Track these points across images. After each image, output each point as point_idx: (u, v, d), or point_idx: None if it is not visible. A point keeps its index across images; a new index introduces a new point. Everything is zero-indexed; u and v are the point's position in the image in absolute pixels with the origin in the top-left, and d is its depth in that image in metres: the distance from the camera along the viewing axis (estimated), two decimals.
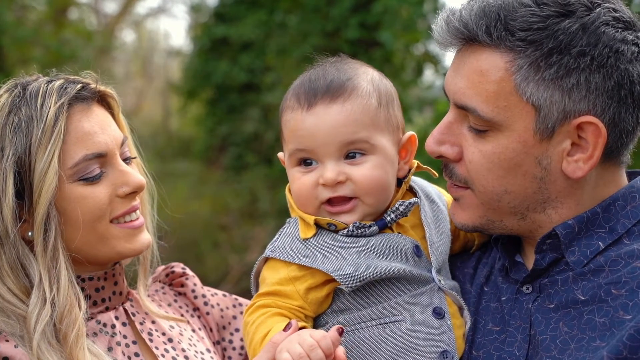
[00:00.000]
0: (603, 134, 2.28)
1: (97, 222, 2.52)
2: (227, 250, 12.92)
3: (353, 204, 2.49)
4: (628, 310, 2.23)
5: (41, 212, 2.44)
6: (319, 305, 2.46)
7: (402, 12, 12.37)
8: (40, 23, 15.36)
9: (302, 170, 2.52)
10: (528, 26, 2.26)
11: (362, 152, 2.48)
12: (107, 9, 20.96)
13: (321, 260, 2.44)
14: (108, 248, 2.56)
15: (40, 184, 2.44)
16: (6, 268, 2.46)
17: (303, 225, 2.51)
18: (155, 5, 24.74)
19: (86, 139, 2.51)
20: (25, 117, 2.47)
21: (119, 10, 20.25)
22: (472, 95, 2.33)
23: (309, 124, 2.47)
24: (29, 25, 14.75)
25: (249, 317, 2.48)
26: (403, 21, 12.30)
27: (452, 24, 2.35)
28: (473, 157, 2.38)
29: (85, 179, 2.51)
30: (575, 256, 2.36)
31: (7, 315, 2.43)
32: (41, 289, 2.43)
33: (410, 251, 2.50)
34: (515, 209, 2.39)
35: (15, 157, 2.44)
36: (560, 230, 2.36)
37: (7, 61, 13.78)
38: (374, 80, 2.55)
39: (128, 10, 20.61)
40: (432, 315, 2.45)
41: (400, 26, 12.27)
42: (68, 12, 17.12)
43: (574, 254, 2.36)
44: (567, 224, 2.36)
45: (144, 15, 23.16)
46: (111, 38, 18.81)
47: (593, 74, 2.25)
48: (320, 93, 2.48)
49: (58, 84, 2.54)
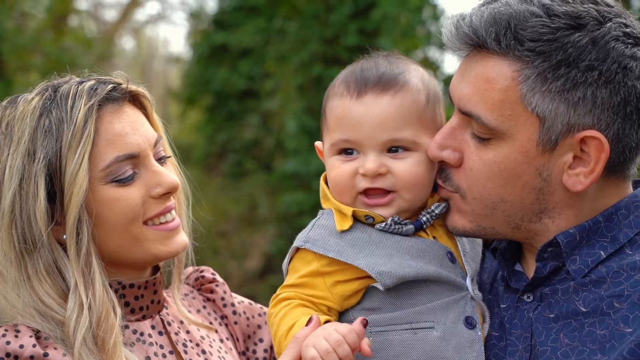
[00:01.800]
0: (606, 149, 2.26)
1: (131, 224, 2.48)
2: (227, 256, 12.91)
3: (390, 197, 2.46)
4: (629, 323, 2.22)
5: (72, 215, 2.41)
6: (345, 299, 2.42)
7: (401, 18, 12.39)
8: (40, 30, 15.38)
9: (343, 159, 2.48)
10: (538, 37, 2.24)
11: (405, 148, 2.46)
12: (106, 16, 20.98)
13: (356, 256, 2.40)
14: (143, 250, 2.52)
15: (70, 187, 2.41)
16: (42, 272, 2.43)
17: (339, 216, 2.47)
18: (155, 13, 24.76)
19: (117, 140, 2.48)
20: (56, 120, 2.44)
21: (118, 18, 20.27)
22: (477, 102, 2.32)
23: (357, 113, 2.45)
24: (29, 33, 14.77)
25: (273, 309, 2.45)
26: (402, 28, 12.32)
27: (461, 29, 2.33)
28: (474, 164, 2.37)
29: (118, 181, 2.47)
30: (576, 265, 2.34)
31: (48, 320, 2.40)
32: (77, 293, 2.41)
33: (444, 256, 2.47)
34: (510, 218, 2.38)
35: (46, 161, 2.42)
36: (561, 239, 2.34)
37: (6, 68, 13.80)
38: (424, 77, 2.54)
39: (127, 17, 20.64)
40: (464, 325, 2.41)
41: (399, 33, 12.28)
42: (68, 19, 17.14)
43: (575, 262, 2.35)
44: (569, 233, 2.35)
45: (143, 23, 23.18)
46: (111, 45, 18.82)
47: (600, 89, 2.24)
48: (371, 83, 2.46)
49: (89, 85, 2.51)
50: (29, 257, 2.44)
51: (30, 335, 2.37)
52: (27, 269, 2.44)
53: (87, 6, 19.85)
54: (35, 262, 2.44)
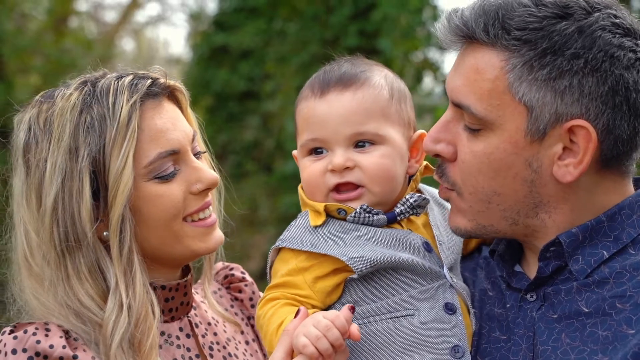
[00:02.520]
0: (593, 138, 2.26)
1: (173, 220, 2.47)
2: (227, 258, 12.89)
3: (359, 192, 2.51)
4: (632, 324, 2.21)
5: (117, 212, 2.38)
6: (327, 295, 2.47)
7: (401, 20, 12.39)
8: (40, 32, 15.40)
9: (312, 159, 2.56)
10: (524, 26, 2.25)
11: (371, 142, 2.52)
12: (106, 18, 20.99)
13: (330, 247, 2.45)
14: (183, 247, 2.51)
15: (115, 184, 2.38)
16: (85, 271, 2.40)
17: (313, 214, 2.53)
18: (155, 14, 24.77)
19: (159, 136, 2.46)
20: (98, 116, 2.41)
21: (118, 19, 20.27)
22: (467, 92, 2.33)
23: (321, 111, 2.52)
24: (29, 34, 14.79)
25: (260, 310, 2.49)
26: (402, 29, 12.31)
27: (453, 22, 2.36)
28: (465, 157, 2.37)
29: (160, 177, 2.46)
30: (579, 265, 2.34)
31: (83, 322, 2.37)
32: (118, 293, 2.38)
33: (419, 246, 2.51)
34: (506, 212, 2.37)
35: (91, 158, 2.38)
36: (564, 238, 2.34)
37: (7, 70, 13.80)
38: (388, 76, 2.61)
39: (128, 18, 20.64)
40: (444, 310, 2.45)
41: (399, 34, 12.28)
42: (68, 21, 17.15)
43: (577, 262, 2.34)
44: (571, 232, 2.34)
45: (143, 24, 23.18)
46: (111, 47, 18.83)
47: (586, 77, 2.24)
48: (333, 81, 2.54)
49: (128, 80, 2.48)
50: (70, 256, 2.40)
51: (60, 335, 2.34)
52: (67, 268, 2.40)
53: (87, 8, 19.86)
54: (76, 261, 2.40)
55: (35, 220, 2.43)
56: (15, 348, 2.30)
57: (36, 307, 2.43)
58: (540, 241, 2.41)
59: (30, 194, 2.44)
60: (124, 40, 23.25)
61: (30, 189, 2.44)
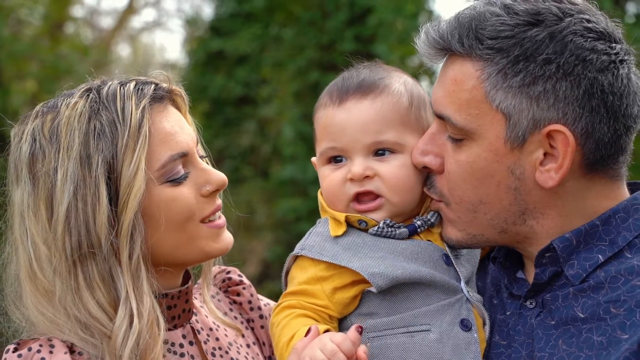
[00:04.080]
0: (571, 142, 2.26)
1: (187, 222, 2.45)
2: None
3: (379, 202, 2.49)
4: (625, 329, 2.21)
5: (128, 218, 2.35)
6: (345, 306, 2.45)
7: (397, 25, 12.42)
8: (36, 38, 15.40)
9: (332, 168, 2.53)
10: (496, 34, 2.27)
11: (391, 151, 2.50)
12: (102, 24, 21.01)
13: (350, 259, 2.43)
14: (196, 249, 2.49)
15: (127, 190, 2.35)
16: (98, 280, 2.36)
17: (333, 223, 2.50)
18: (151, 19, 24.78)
19: (169, 139, 2.45)
20: (107, 122, 2.38)
21: (114, 25, 20.29)
22: (448, 103, 2.35)
23: (340, 119, 2.50)
24: (25, 40, 14.79)
25: (275, 318, 2.47)
26: (398, 34, 12.35)
27: (430, 35, 2.38)
28: (451, 167, 2.39)
29: (172, 181, 2.44)
30: (574, 270, 2.34)
31: (91, 334, 2.34)
32: (128, 302, 2.35)
33: (439, 259, 2.48)
34: (493, 221, 2.38)
35: (105, 164, 2.35)
36: (557, 244, 2.34)
37: (3, 76, 13.80)
38: (407, 82, 2.58)
39: (123, 24, 20.66)
40: (460, 327, 2.42)
41: (395, 39, 12.31)
42: (64, 26, 17.16)
43: (572, 267, 2.34)
44: (565, 237, 2.34)
45: (139, 29, 23.21)
46: (107, 52, 18.85)
47: (560, 81, 2.25)
48: (352, 89, 2.52)
49: (132, 85, 2.46)
50: (82, 266, 2.36)
51: (64, 351, 2.32)
52: (78, 278, 2.36)
53: (83, 13, 19.88)
54: (89, 271, 2.36)
55: (45, 231, 2.38)
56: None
57: (40, 323, 2.40)
58: (533, 247, 2.41)
59: (39, 205, 2.39)
60: (119, 46, 23.28)
61: (39, 200, 2.39)
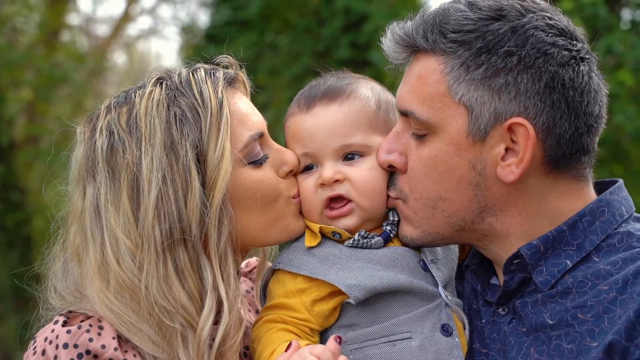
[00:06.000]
0: (532, 136, 2.27)
1: (274, 203, 2.45)
2: None
3: (350, 207, 2.50)
4: (594, 337, 2.21)
5: (216, 201, 2.33)
6: (325, 318, 2.45)
7: None
8: (32, 46, 15.40)
9: (304, 176, 2.56)
10: (459, 28, 2.30)
11: (360, 154, 2.52)
12: (98, 31, 21.00)
13: (327, 271, 2.44)
14: (280, 228, 2.49)
15: (214, 173, 2.34)
16: (189, 268, 2.33)
17: (309, 234, 2.52)
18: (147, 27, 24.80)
19: (246, 119, 2.47)
20: (188, 107, 2.38)
21: (110, 32, 20.29)
22: (411, 99, 2.37)
23: (308, 125, 2.54)
24: (21, 49, 14.78)
25: (256, 332, 2.47)
26: None
27: (396, 33, 2.41)
28: (413, 164, 2.40)
29: (254, 162, 2.44)
30: (543, 276, 2.33)
31: (172, 320, 2.30)
32: (216, 290, 2.33)
33: (416, 265, 2.49)
34: (451, 218, 2.38)
35: (193, 148, 2.33)
36: (525, 251, 2.34)
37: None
38: (374, 87, 2.62)
39: (119, 32, 20.66)
40: (441, 333, 2.43)
41: None
42: (59, 34, 17.15)
43: (541, 274, 2.34)
44: (532, 245, 2.34)
45: (135, 37, 23.20)
46: (103, 60, 18.83)
47: (521, 74, 2.26)
48: (319, 95, 2.56)
49: (204, 70, 2.48)
50: (171, 254, 2.33)
51: (113, 336, 2.30)
52: (167, 266, 2.33)
53: (79, 21, 19.88)
54: (179, 258, 2.33)
55: (128, 222, 2.34)
56: (67, 342, 2.26)
57: (112, 320, 2.33)
58: (495, 246, 2.40)
59: (120, 198, 2.35)
60: (115, 54, 23.27)
61: (120, 193, 2.35)
